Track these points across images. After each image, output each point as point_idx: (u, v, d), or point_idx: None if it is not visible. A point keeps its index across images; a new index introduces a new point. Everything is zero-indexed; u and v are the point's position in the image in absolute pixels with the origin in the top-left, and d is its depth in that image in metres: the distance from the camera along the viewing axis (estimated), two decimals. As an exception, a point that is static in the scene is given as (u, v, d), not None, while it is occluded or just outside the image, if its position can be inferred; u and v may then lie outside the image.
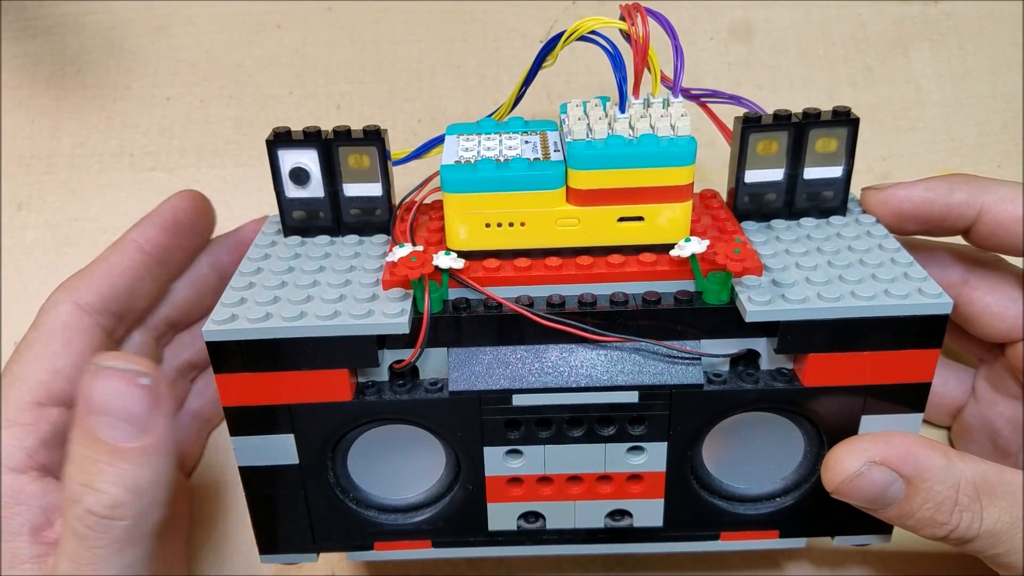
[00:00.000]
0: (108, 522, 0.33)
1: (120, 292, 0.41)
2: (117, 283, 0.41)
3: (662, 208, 0.38)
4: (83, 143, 0.55)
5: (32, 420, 0.38)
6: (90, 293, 0.41)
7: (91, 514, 0.33)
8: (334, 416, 0.38)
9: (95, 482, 0.33)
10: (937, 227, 0.42)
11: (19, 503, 0.37)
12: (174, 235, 0.44)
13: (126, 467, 0.34)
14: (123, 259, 0.42)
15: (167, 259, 0.44)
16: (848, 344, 0.36)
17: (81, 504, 0.33)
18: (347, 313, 0.36)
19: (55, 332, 0.39)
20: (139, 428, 0.34)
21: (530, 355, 0.38)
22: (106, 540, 0.34)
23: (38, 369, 0.38)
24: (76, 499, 0.33)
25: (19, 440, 0.37)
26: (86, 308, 0.40)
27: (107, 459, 0.33)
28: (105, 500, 0.33)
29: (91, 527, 0.33)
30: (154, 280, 0.43)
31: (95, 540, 0.33)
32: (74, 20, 0.56)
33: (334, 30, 0.56)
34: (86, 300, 0.40)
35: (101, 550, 0.34)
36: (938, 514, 0.36)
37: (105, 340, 0.41)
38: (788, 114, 0.40)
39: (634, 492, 0.40)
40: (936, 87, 0.55)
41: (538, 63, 0.39)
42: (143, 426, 0.34)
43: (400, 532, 0.41)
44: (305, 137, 0.40)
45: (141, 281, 0.42)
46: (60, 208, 0.54)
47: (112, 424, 0.34)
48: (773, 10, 0.56)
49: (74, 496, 0.33)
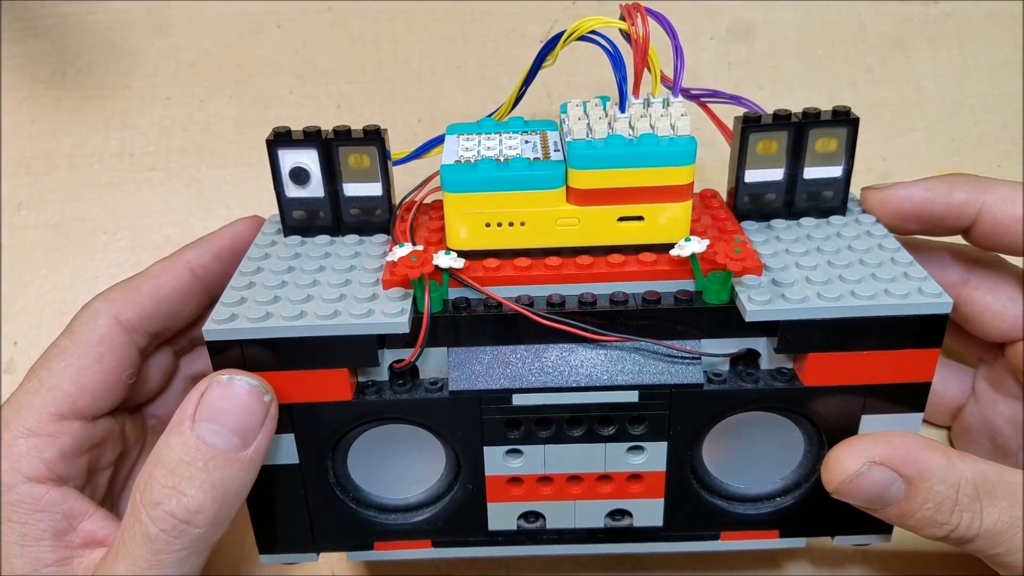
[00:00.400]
0: (185, 527, 0.33)
1: (161, 313, 0.41)
2: (161, 304, 0.41)
3: (662, 208, 0.38)
4: (83, 143, 0.55)
5: (54, 432, 0.37)
6: (132, 310, 0.40)
7: (171, 516, 0.33)
8: (334, 416, 0.38)
9: (184, 485, 0.33)
10: (937, 227, 0.42)
11: (40, 510, 0.36)
12: (228, 264, 0.43)
13: (219, 476, 0.34)
14: (172, 280, 0.42)
15: (216, 285, 0.43)
16: (848, 344, 0.36)
17: (163, 506, 0.33)
18: (347, 313, 0.36)
19: (90, 346, 0.39)
20: (244, 441, 0.34)
21: (530, 355, 0.38)
22: (177, 546, 0.34)
23: (66, 381, 0.38)
24: (158, 500, 0.33)
25: (39, 451, 0.37)
26: (125, 325, 0.40)
27: (203, 465, 0.34)
28: (191, 505, 0.33)
29: (167, 530, 0.33)
30: (199, 305, 0.43)
31: (166, 544, 0.33)
32: (74, 20, 0.56)
33: (334, 30, 0.56)
34: (127, 316, 0.40)
35: (168, 555, 0.34)
36: (938, 514, 0.36)
37: (137, 359, 0.41)
38: (788, 114, 0.40)
39: (634, 492, 0.40)
40: (936, 87, 0.55)
41: (538, 63, 0.39)
42: (249, 440, 0.35)
43: (400, 532, 0.41)
44: (305, 137, 0.40)
45: (186, 305, 0.42)
46: (60, 208, 0.54)
47: (219, 432, 0.34)
48: (773, 10, 0.56)
49: (157, 498, 0.33)
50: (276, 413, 0.36)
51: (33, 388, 0.38)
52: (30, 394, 0.38)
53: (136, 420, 0.43)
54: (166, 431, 0.35)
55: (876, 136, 0.54)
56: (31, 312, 0.53)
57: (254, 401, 0.35)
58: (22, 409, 0.38)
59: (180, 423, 0.34)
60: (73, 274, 0.53)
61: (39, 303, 0.53)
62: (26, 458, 0.37)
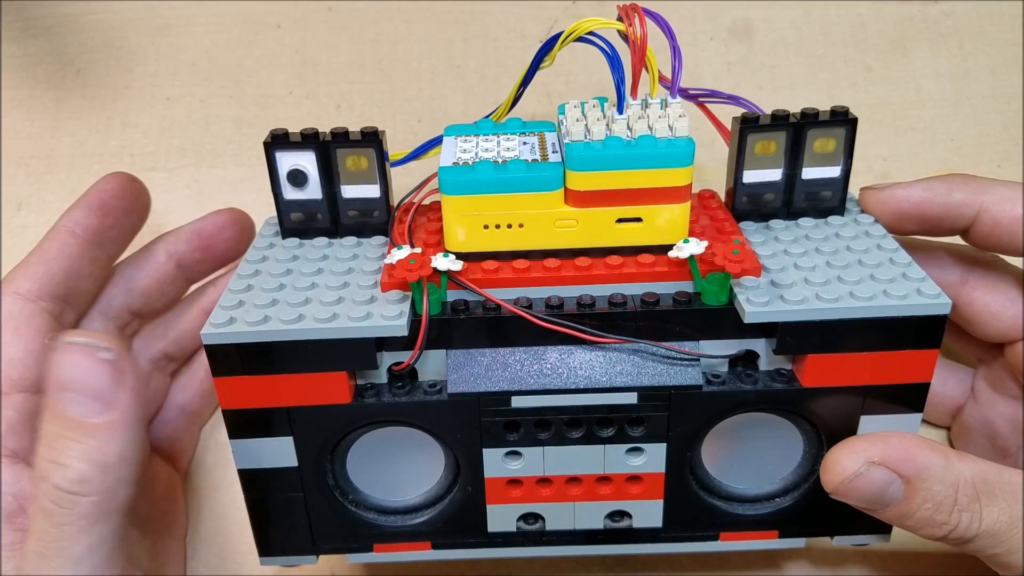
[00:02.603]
0: (75, 498, 0.34)
1: (57, 275, 0.42)
2: (53, 267, 0.42)
3: (660, 209, 0.37)
4: (83, 143, 0.55)
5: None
6: (27, 281, 0.41)
7: (57, 489, 0.33)
8: (333, 418, 0.38)
9: (61, 458, 0.34)
10: (936, 227, 0.42)
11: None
12: (104, 216, 0.44)
13: (92, 443, 0.34)
14: (55, 244, 0.42)
15: (102, 240, 0.44)
16: (847, 345, 0.36)
17: (48, 480, 0.34)
18: (345, 315, 0.36)
19: (3, 324, 0.40)
20: (104, 404, 0.34)
21: (529, 357, 0.38)
22: (73, 516, 0.34)
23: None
24: (44, 476, 0.34)
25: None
26: (26, 295, 0.41)
27: (73, 435, 0.34)
28: (71, 475, 0.33)
29: (58, 503, 0.34)
30: (93, 261, 0.43)
31: (62, 516, 0.34)
32: (74, 20, 0.56)
33: (334, 30, 0.56)
34: (25, 288, 0.41)
35: (68, 527, 0.34)
36: (937, 514, 0.36)
37: (54, 324, 0.41)
38: (786, 114, 0.40)
39: (633, 493, 0.40)
40: (936, 87, 0.55)
41: (535, 64, 0.39)
42: (108, 402, 0.34)
43: (399, 534, 0.41)
44: (303, 139, 0.40)
45: (78, 262, 0.43)
46: (60, 208, 0.53)
47: (78, 400, 0.34)
48: (773, 10, 0.56)
49: (42, 473, 0.34)
50: (130, 368, 0.35)
51: None
52: None
53: None
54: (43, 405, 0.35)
55: (876, 136, 0.54)
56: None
57: (92, 361, 0.34)
58: None
59: (47, 396, 0.34)
60: (73, 275, 0.53)
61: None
62: None
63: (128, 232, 0.46)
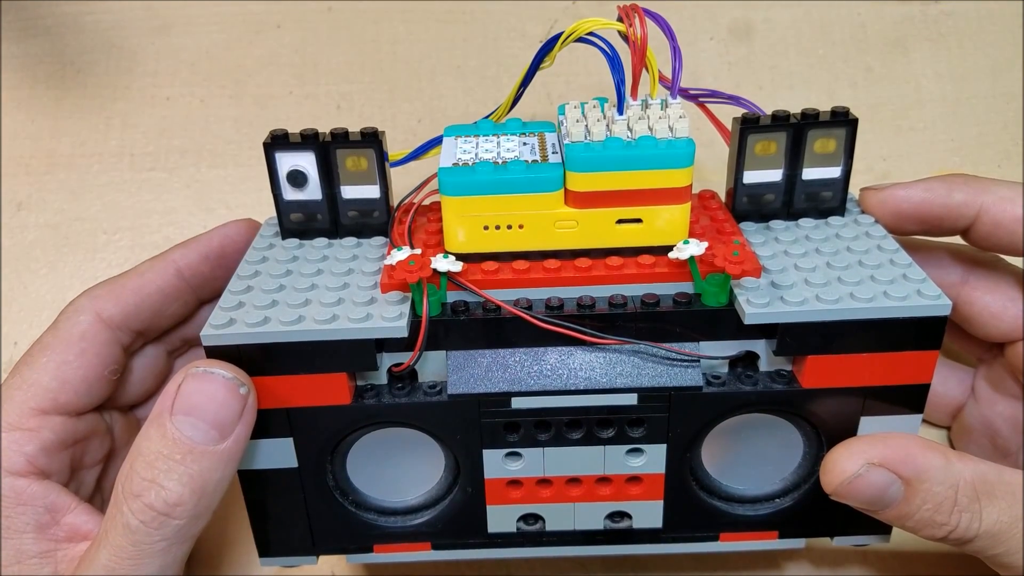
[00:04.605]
0: (165, 519, 0.34)
1: (145, 311, 0.41)
2: (145, 304, 0.41)
3: (660, 210, 0.37)
4: (83, 143, 0.55)
5: (35, 427, 0.38)
6: (115, 307, 0.40)
7: (150, 509, 0.34)
8: (333, 420, 0.38)
9: (162, 478, 0.34)
10: (936, 227, 0.42)
11: (21, 503, 0.37)
12: (217, 267, 0.43)
13: (196, 468, 0.34)
14: (157, 280, 0.42)
15: (203, 287, 0.43)
16: (847, 346, 0.36)
17: (142, 499, 0.34)
18: (345, 317, 0.36)
19: (71, 342, 0.39)
20: (222, 434, 0.35)
21: (529, 358, 0.38)
22: (157, 537, 0.34)
23: (47, 377, 0.38)
24: (138, 493, 0.34)
25: (20, 445, 0.37)
26: (108, 321, 0.40)
27: (180, 457, 0.34)
28: (170, 497, 0.34)
29: (146, 522, 0.34)
30: (184, 305, 0.43)
31: (146, 535, 0.34)
32: (74, 20, 0.56)
33: (334, 30, 0.56)
34: (109, 313, 0.40)
35: (149, 546, 0.34)
36: (937, 515, 0.36)
37: (120, 356, 0.41)
38: (786, 115, 0.40)
39: (633, 494, 0.40)
40: (936, 87, 0.55)
41: (535, 64, 0.39)
42: (226, 433, 0.35)
43: (400, 535, 0.41)
44: (302, 140, 0.40)
45: (170, 304, 0.42)
46: (60, 208, 0.54)
47: (196, 426, 0.34)
48: (773, 10, 0.56)
49: (136, 490, 0.34)
50: (254, 405, 0.36)
51: (15, 384, 0.38)
52: (12, 389, 0.38)
53: (128, 420, 0.43)
54: (146, 423, 0.35)
55: (876, 136, 0.54)
56: (31, 312, 0.53)
57: (229, 394, 0.35)
58: (3, 404, 0.38)
59: (159, 416, 0.34)
60: (73, 274, 0.53)
61: (39, 303, 0.53)
62: (7, 452, 0.37)
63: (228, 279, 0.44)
